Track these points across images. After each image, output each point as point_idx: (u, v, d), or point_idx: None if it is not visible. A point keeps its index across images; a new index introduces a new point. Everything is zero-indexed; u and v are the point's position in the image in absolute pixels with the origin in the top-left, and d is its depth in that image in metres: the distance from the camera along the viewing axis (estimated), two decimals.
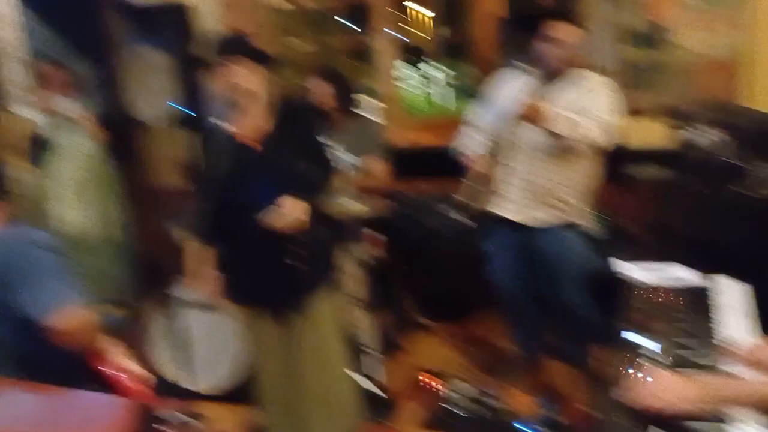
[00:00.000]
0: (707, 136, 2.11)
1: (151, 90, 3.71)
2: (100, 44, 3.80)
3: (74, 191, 3.49)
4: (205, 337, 3.20)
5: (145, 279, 3.62)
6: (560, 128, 2.57)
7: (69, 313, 1.60)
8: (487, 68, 3.96)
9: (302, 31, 4.67)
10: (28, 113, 3.57)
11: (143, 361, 2.28)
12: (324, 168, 2.50)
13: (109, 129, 3.61)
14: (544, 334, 3.27)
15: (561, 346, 3.24)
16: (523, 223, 2.86)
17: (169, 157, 4.02)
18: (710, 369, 1.63)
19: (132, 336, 3.03)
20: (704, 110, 2.39)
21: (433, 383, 3.15)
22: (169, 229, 3.52)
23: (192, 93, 3.68)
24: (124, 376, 1.81)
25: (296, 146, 2.35)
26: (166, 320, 2.39)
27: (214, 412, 3.12)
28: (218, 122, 2.28)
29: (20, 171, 3.59)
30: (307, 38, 5.00)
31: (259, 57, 2.33)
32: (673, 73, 3.32)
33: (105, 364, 1.79)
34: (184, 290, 3.13)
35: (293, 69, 5.81)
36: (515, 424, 2.73)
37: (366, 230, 3.33)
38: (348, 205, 3.25)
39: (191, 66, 3.70)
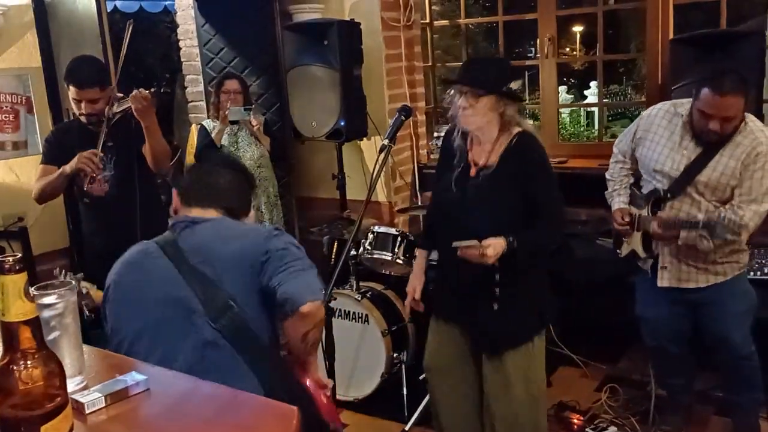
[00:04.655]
0: None
1: (314, 104, 3.89)
2: (270, 59, 4.03)
3: None
4: (350, 346, 3.31)
5: None
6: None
7: (317, 304, 1.68)
8: (654, 93, 3.75)
9: (458, 49, 4.67)
10: (207, 122, 3.85)
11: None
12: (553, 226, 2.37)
13: (272, 139, 3.82)
14: (696, 379, 3.03)
15: (725, 396, 2.98)
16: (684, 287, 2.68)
17: (324, 168, 4.19)
18: None
19: None
20: None
21: (576, 419, 3.03)
22: (320, 237, 3.66)
23: (353, 108, 3.82)
24: (322, 389, 1.86)
25: (516, 184, 2.30)
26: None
27: (353, 420, 3.20)
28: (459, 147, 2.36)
29: None
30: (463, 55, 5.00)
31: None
32: None
33: (306, 374, 1.84)
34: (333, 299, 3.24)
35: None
36: None
37: None
38: None
39: (353, 80, 3.85)
